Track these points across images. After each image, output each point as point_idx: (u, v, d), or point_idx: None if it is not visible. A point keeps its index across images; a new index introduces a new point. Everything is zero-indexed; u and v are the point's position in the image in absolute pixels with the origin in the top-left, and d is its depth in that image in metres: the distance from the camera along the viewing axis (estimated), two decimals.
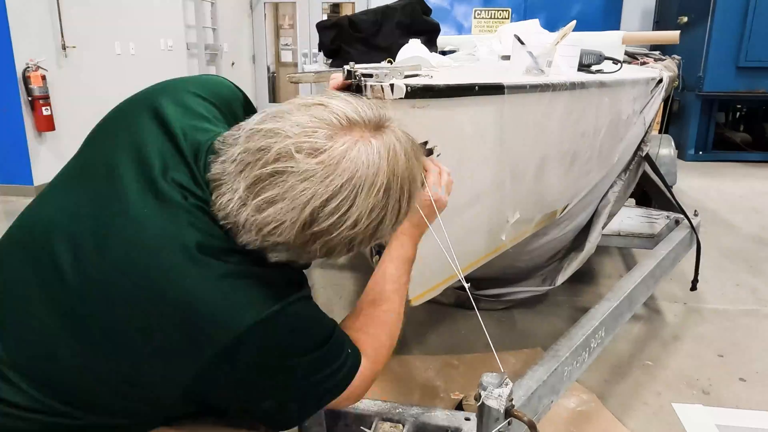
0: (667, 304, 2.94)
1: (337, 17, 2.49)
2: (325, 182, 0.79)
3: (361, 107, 0.85)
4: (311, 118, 0.82)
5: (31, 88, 4.97)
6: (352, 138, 0.82)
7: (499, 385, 1.07)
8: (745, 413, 2.08)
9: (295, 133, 0.80)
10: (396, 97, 1.13)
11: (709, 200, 5.01)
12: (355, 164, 0.80)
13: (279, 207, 0.80)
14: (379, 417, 1.29)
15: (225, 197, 0.84)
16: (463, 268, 1.67)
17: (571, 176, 2.05)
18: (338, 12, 10.20)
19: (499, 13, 8.06)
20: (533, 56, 1.59)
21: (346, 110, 0.84)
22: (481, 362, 2.35)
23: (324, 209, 0.80)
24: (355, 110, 0.84)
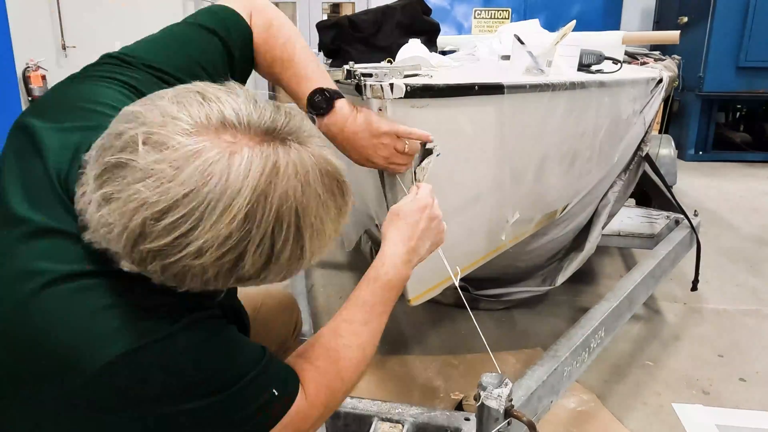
0: (667, 304, 2.94)
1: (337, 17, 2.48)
2: (161, 189, 0.62)
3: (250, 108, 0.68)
4: (180, 108, 0.66)
5: (31, 88, 4.98)
6: (215, 142, 0.64)
7: (498, 385, 1.07)
8: (745, 413, 2.08)
9: (151, 121, 0.65)
10: (395, 96, 1.13)
11: (709, 200, 5.01)
12: (205, 173, 0.62)
13: (112, 207, 0.64)
14: (378, 417, 1.29)
15: (81, 189, 0.70)
16: (463, 267, 1.68)
17: (571, 176, 2.05)
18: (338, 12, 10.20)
19: (499, 13, 8.05)
20: (533, 56, 1.59)
21: (225, 107, 0.67)
22: (481, 362, 2.35)
23: (157, 224, 0.63)
24: (237, 109, 0.67)
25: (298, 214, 0.68)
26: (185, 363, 0.74)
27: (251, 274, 0.69)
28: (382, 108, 1.14)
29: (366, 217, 1.81)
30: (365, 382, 2.19)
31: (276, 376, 0.84)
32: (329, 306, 2.95)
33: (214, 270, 0.67)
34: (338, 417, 1.31)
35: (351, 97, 1.21)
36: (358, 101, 1.19)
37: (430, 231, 1.03)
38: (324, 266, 3.44)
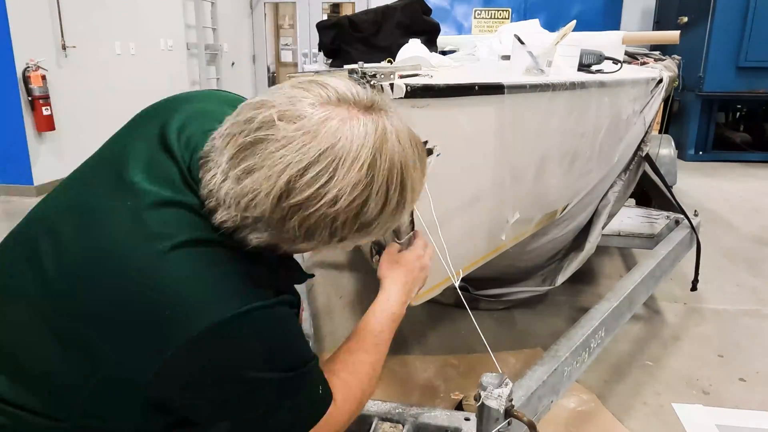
0: (667, 304, 2.94)
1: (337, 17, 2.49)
2: (303, 150, 0.75)
3: (357, 88, 0.82)
4: (302, 91, 0.80)
5: (31, 88, 4.97)
6: (337, 110, 0.78)
7: (499, 385, 1.07)
8: (745, 413, 2.08)
9: (280, 103, 0.78)
10: (396, 96, 1.13)
11: (709, 200, 5.01)
12: (335, 133, 0.76)
13: (256, 176, 0.76)
14: (378, 417, 1.29)
15: (209, 173, 0.81)
16: (463, 267, 1.68)
17: (571, 176, 2.05)
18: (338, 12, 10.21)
19: (499, 13, 8.06)
20: (533, 56, 1.59)
21: (338, 86, 0.81)
22: (481, 362, 2.35)
23: (301, 179, 0.75)
24: (348, 88, 0.81)
25: (402, 168, 0.80)
26: (266, 337, 0.85)
27: (370, 220, 0.80)
28: None
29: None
30: None
31: (321, 377, 0.95)
32: (329, 306, 2.95)
33: (344, 216, 0.78)
34: None
35: None
36: None
37: (420, 279, 1.17)
38: (324, 266, 3.44)
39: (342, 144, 0.76)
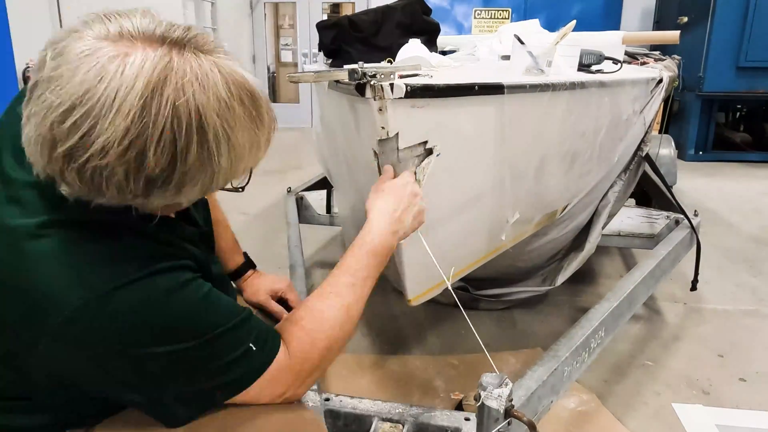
0: (667, 304, 2.94)
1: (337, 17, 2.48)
2: (62, 91, 0.66)
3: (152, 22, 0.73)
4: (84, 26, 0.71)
5: None
6: (109, 47, 0.68)
7: (499, 385, 1.07)
8: (745, 413, 2.08)
9: (57, 39, 0.70)
10: (396, 96, 1.13)
11: (709, 200, 5.01)
12: (99, 73, 0.66)
13: (32, 122, 0.69)
14: (378, 417, 1.29)
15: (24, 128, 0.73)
16: (463, 267, 1.68)
17: (571, 176, 2.05)
18: (338, 12, 10.20)
19: (499, 13, 8.06)
20: (533, 56, 1.59)
21: (124, 22, 0.71)
22: (481, 362, 2.35)
23: (62, 125, 0.66)
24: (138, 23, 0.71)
25: (199, 113, 0.69)
26: (155, 307, 0.78)
27: (160, 176, 0.71)
28: (382, 108, 1.14)
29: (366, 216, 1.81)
30: (365, 382, 2.19)
31: (254, 333, 0.88)
32: None
33: (122, 169, 0.69)
34: (338, 417, 1.31)
35: (352, 97, 1.21)
36: (359, 101, 1.19)
37: (412, 206, 1.09)
38: (324, 266, 3.44)
39: (106, 83, 0.66)
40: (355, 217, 1.96)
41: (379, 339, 2.53)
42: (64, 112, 0.66)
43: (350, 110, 1.31)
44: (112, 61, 0.67)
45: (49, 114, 0.67)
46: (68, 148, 0.67)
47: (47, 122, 0.67)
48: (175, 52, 0.70)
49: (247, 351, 0.85)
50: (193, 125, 0.69)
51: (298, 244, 2.52)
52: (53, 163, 0.69)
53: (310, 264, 3.39)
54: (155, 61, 0.68)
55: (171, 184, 0.73)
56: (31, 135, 0.69)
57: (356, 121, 1.29)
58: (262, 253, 2.62)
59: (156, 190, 0.73)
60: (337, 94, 1.38)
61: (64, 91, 0.66)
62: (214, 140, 0.72)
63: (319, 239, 3.78)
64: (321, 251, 3.69)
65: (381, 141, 1.20)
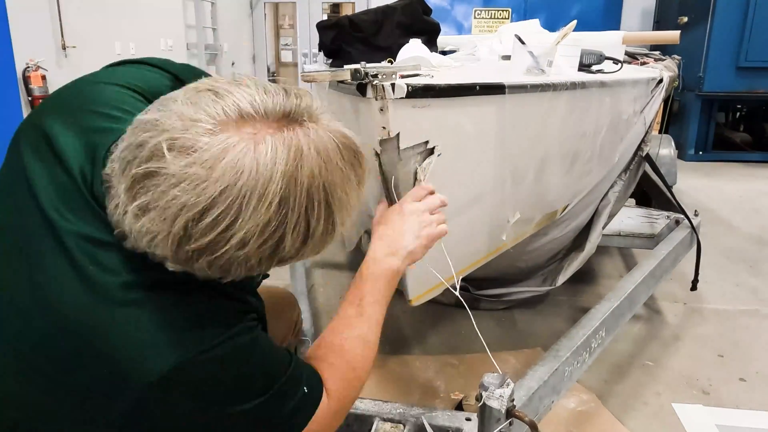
0: (668, 304, 2.94)
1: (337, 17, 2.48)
2: (197, 190, 0.64)
3: (263, 97, 0.69)
4: (195, 108, 0.67)
5: (31, 88, 4.97)
6: (238, 135, 0.66)
7: (500, 385, 1.07)
8: (745, 413, 2.08)
9: (172, 126, 0.66)
10: (397, 96, 1.13)
11: (709, 200, 5.01)
12: (236, 168, 0.64)
13: (152, 216, 0.66)
14: (379, 417, 1.29)
15: (113, 203, 0.73)
16: (464, 268, 1.68)
17: (572, 176, 2.05)
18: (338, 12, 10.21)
19: (499, 13, 8.06)
20: (534, 56, 1.59)
21: (239, 100, 0.68)
22: (481, 362, 2.35)
23: (198, 224, 0.65)
24: (251, 101, 0.68)
25: (327, 190, 0.70)
26: (232, 370, 0.80)
27: (291, 254, 0.72)
28: (383, 108, 1.14)
29: (366, 217, 1.81)
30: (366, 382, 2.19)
31: (304, 375, 0.90)
32: (329, 306, 2.95)
33: (258, 256, 0.70)
34: None
35: (354, 96, 1.21)
36: (360, 101, 1.19)
37: (410, 223, 1.07)
38: (324, 266, 3.44)
39: (245, 181, 0.65)
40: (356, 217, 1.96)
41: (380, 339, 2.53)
42: (202, 211, 0.65)
43: (351, 110, 1.31)
44: (245, 155, 0.65)
45: (184, 213, 0.65)
46: (203, 244, 0.67)
47: (181, 221, 0.65)
48: (297, 130, 0.69)
49: (303, 395, 0.88)
50: (323, 204, 0.71)
51: None
52: (180, 255, 0.69)
53: (310, 264, 3.39)
54: (285, 149, 0.67)
55: (297, 257, 0.74)
56: (154, 230, 0.67)
57: (357, 121, 1.29)
58: None
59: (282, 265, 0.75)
60: (338, 94, 1.38)
61: (200, 190, 0.64)
62: (338, 211, 0.73)
63: None
64: None
65: (382, 141, 1.20)
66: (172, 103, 0.69)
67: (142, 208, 0.67)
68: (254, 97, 0.69)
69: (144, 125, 0.69)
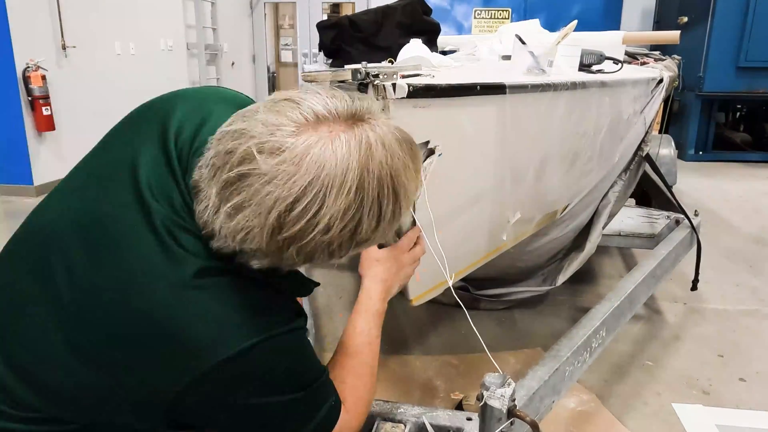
0: (668, 304, 2.94)
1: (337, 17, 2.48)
2: (288, 184, 0.74)
3: (333, 101, 0.80)
4: (277, 115, 0.78)
5: (31, 88, 4.97)
6: (317, 134, 0.76)
7: (501, 385, 1.07)
8: (745, 413, 2.09)
9: (258, 132, 0.76)
10: (398, 96, 1.13)
11: (709, 200, 5.02)
12: (319, 162, 0.75)
13: (246, 213, 0.76)
14: (380, 417, 1.29)
15: (202, 204, 0.81)
16: (464, 267, 1.68)
17: (572, 176, 2.05)
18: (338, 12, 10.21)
19: (499, 13, 8.06)
20: (534, 56, 1.59)
21: (314, 105, 0.78)
22: (481, 362, 2.35)
23: (290, 214, 0.75)
24: (324, 105, 0.79)
25: (393, 177, 0.79)
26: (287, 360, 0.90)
27: (366, 237, 0.80)
28: (384, 108, 1.14)
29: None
30: None
31: (332, 386, 0.99)
32: (329, 306, 2.95)
33: (339, 240, 0.78)
34: None
35: None
36: None
37: (399, 278, 1.20)
38: (324, 266, 3.44)
39: (327, 172, 0.74)
40: None
41: None
42: (293, 202, 0.74)
43: None
44: (325, 149, 0.75)
45: (277, 205, 0.74)
46: (294, 233, 0.76)
47: (274, 214, 0.74)
48: (364, 127, 0.79)
49: (331, 404, 0.96)
50: (391, 189, 0.79)
51: None
52: (272, 245, 0.77)
53: None
54: (357, 143, 0.77)
55: (369, 241, 0.82)
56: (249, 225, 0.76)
57: None
58: None
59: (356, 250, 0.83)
60: None
61: (291, 184, 0.74)
62: (403, 197, 0.81)
63: None
64: None
65: None
66: (254, 114, 0.79)
67: (236, 207, 0.76)
68: (326, 101, 0.79)
69: (231, 135, 0.78)
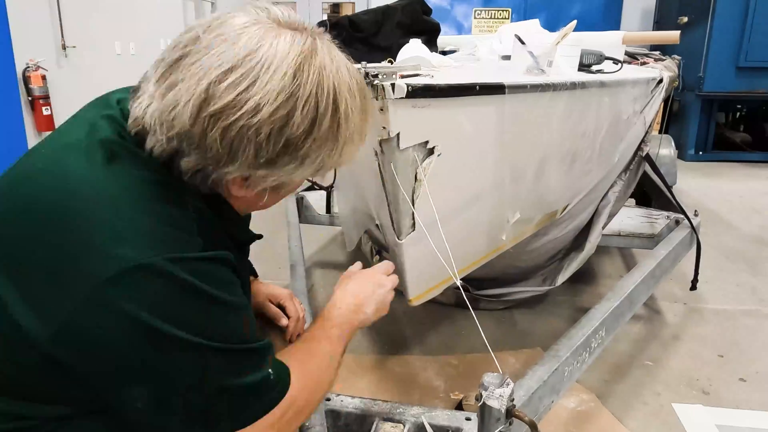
0: (667, 304, 2.94)
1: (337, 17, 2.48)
2: (223, 55, 0.73)
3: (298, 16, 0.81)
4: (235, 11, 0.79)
5: (31, 88, 4.97)
6: (264, 24, 0.77)
7: (500, 385, 1.07)
8: (745, 413, 2.08)
9: (206, 21, 0.78)
10: (397, 96, 1.13)
11: (709, 200, 5.01)
12: (259, 40, 0.74)
13: (178, 88, 0.73)
14: (379, 417, 1.29)
15: (137, 101, 0.78)
16: (464, 267, 1.68)
17: (572, 176, 2.05)
18: (338, 12, 10.21)
19: (499, 13, 8.05)
20: (534, 56, 1.59)
21: (273, 9, 0.79)
22: (481, 362, 2.35)
23: (220, 84, 0.72)
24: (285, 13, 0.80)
25: (335, 89, 0.77)
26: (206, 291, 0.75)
27: (297, 140, 0.76)
28: (383, 108, 1.14)
29: (366, 217, 1.81)
30: (365, 382, 2.20)
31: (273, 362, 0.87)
32: None
33: (268, 128, 0.73)
34: (339, 417, 1.31)
35: None
36: None
37: (375, 296, 1.13)
38: (324, 266, 3.44)
39: (265, 50, 0.73)
40: (356, 217, 1.96)
41: (380, 339, 2.53)
42: (225, 72, 0.72)
43: None
44: (268, 33, 0.75)
45: (207, 75, 0.72)
46: (221, 106, 0.72)
47: (204, 83, 0.72)
48: (316, 39, 0.78)
49: (265, 378, 0.82)
50: (332, 96, 0.76)
51: (298, 244, 2.52)
52: (197, 125, 0.73)
53: (310, 264, 3.39)
54: (303, 41, 0.76)
55: (300, 151, 0.77)
56: (177, 99, 0.73)
57: None
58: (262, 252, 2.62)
59: (284, 159, 0.77)
60: None
61: (225, 55, 0.72)
62: (343, 115, 0.78)
63: (319, 239, 3.78)
64: (321, 251, 3.69)
65: (382, 141, 1.20)
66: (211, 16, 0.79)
67: (170, 85, 0.74)
68: (289, 13, 0.80)
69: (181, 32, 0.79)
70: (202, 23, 0.78)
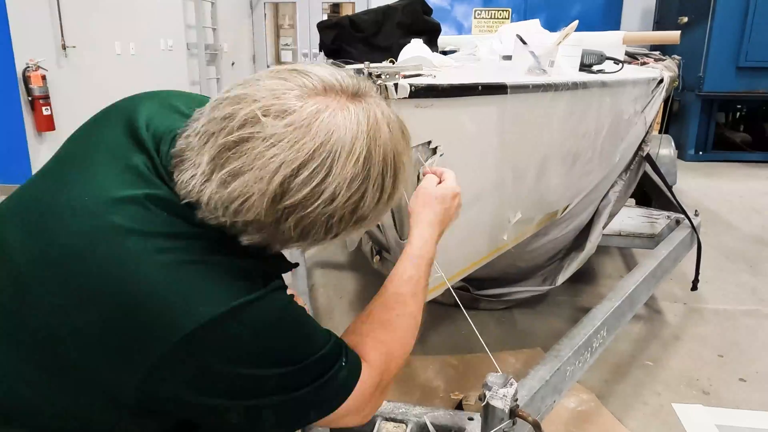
0: (668, 304, 2.94)
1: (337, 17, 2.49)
2: (296, 147, 0.70)
3: (340, 74, 0.77)
4: (283, 82, 0.74)
5: (31, 88, 4.97)
6: (326, 100, 0.73)
7: (504, 385, 1.07)
8: (745, 413, 2.09)
9: (262, 96, 0.72)
10: (400, 96, 1.13)
11: (710, 200, 5.02)
12: (329, 127, 0.71)
13: (246, 179, 0.70)
14: (382, 417, 1.29)
15: (187, 173, 0.75)
16: (465, 267, 1.68)
17: (573, 176, 2.05)
18: (338, 12, 10.20)
19: (499, 13, 8.06)
20: (535, 56, 1.59)
21: (321, 74, 0.76)
22: (481, 362, 2.35)
23: (296, 178, 0.70)
24: (332, 75, 0.76)
25: (395, 156, 0.78)
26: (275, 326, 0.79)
27: (366, 213, 0.77)
28: None
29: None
30: None
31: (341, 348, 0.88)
32: (330, 305, 2.95)
33: (341, 213, 0.74)
34: None
35: None
36: None
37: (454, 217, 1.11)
38: (324, 266, 3.44)
39: (336, 138, 0.71)
40: None
41: None
42: (300, 166, 0.70)
43: None
44: (335, 115, 0.73)
45: (282, 169, 0.70)
46: (298, 200, 0.71)
47: (279, 177, 0.70)
48: (369, 102, 0.77)
49: (339, 369, 0.86)
50: (393, 166, 0.77)
51: None
52: (269, 216, 0.72)
53: (311, 264, 3.39)
54: (365, 115, 0.75)
55: (368, 219, 0.79)
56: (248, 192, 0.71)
57: None
58: None
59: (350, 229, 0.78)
60: None
61: (299, 146, 0.70)
62: (401, 176, 0.79)
63: None
64: (321, 251, 3.69)
65: None
66: (256, 81, 0.76)
67: (234, 173, 0.71)
68: (333, 72, 0.77)
69: (230, 100, 0.74)
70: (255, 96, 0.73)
